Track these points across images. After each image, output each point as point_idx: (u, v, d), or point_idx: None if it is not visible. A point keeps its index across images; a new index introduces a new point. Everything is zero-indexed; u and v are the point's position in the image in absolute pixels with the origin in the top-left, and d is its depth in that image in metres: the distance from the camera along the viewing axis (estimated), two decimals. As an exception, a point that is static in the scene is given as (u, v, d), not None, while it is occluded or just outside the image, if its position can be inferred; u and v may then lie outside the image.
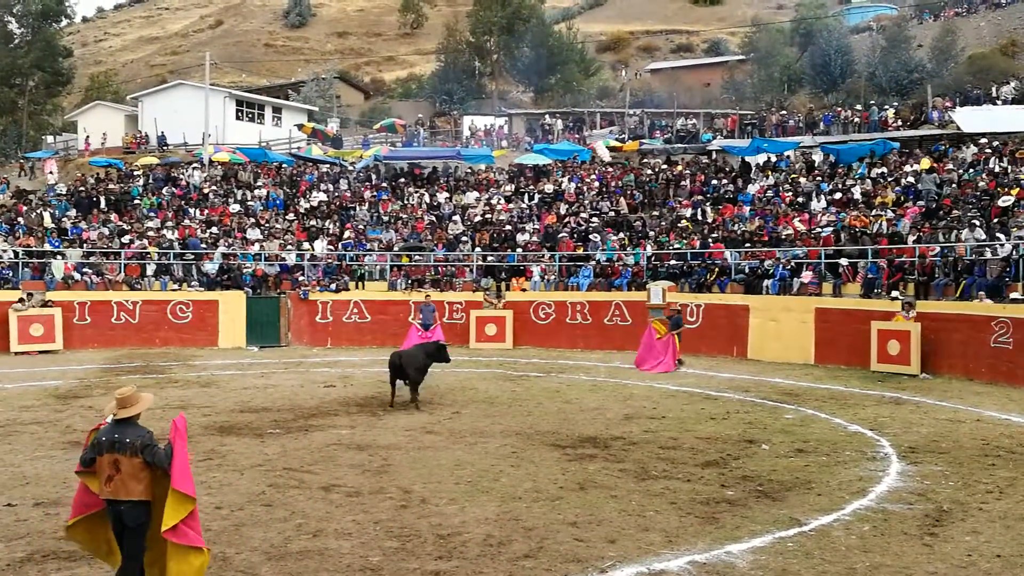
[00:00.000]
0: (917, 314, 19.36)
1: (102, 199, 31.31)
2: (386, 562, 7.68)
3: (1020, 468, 10.89)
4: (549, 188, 32.37)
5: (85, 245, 27.41)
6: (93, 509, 6.80)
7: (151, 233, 28.14)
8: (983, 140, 28.66)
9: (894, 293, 20.49)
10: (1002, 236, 20.09)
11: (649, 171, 33.11)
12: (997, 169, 25.20)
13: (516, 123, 48.18)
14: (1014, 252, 19.21)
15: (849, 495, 9.73)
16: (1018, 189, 22.64)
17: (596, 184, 32.30)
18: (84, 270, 25.94)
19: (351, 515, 8.97)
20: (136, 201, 31.61)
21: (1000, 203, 22.06)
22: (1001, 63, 45.76)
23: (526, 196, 32.24)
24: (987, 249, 20.03)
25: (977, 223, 20.88)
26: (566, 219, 29.51)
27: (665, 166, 33.66)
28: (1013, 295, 18.42)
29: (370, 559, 7.75)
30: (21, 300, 23.63)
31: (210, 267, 26.71)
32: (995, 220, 21.37)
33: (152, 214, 30.29)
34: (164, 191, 32.84)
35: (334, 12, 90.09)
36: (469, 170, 35.91)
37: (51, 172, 37.23)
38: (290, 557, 7.79)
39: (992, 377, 17.92)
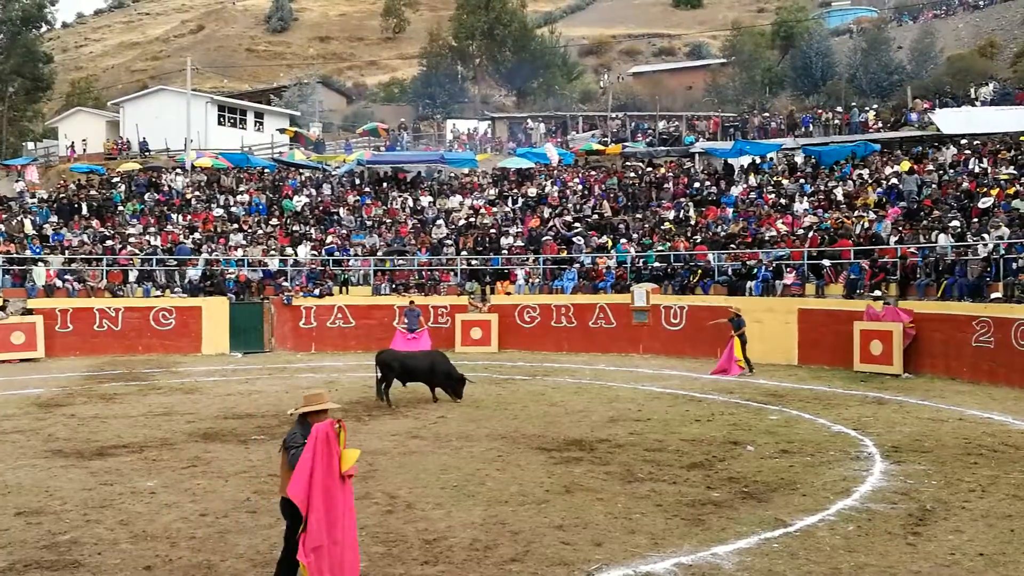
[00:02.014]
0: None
1: (84, 205, 31.12)
2: (372, 568, 7.66)
3: (1002, 466, 10.97)
4: (532, 192, 32.39)
5: (67, 252, 27.22)
6: None
7: (133, 239, 27.98)
8: (963, 141, 28.89)
9: (876, 292, 20.61)
10: (985, 236, 20.23)
11: (632, 174, 33.18)
12: (977, 170, 25.41)
13: (499, 127, 48.23)
14: (994, 252, 19.36)
15: (833, 495, 9.78)
16: (997, 190, 22.83)
17: (579, 187, 32.35)
18: (66, 277, 25.76)
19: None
20: (120, 208, 31.43)
21: (980, 204, 22.22)
22: (979, 64, 46.14)
23: (509, 200, 32.26)
24: (967, 249, 20.18)
25: (954, 225, 21.06)
26: (550, 222, 29.54)
27: (648, 169, 33.72)
28: (994, 295, 18.56)
29: (356, 565, 7.72)
30: (3, 308, 23.46)
31: (193, 273, 26.57)
32: (975, 220, 21.52)
33: (134, 220, 30.12)
34: (146, 197, 32.66)
35: (316, 17, 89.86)
36: (452, 174, 35.90)
37: (18, 180, 36.96)
38: (276, 564, 7.74)
39: (974, 376, 18.05)
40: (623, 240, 27.41)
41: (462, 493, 10.00)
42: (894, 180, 26.16)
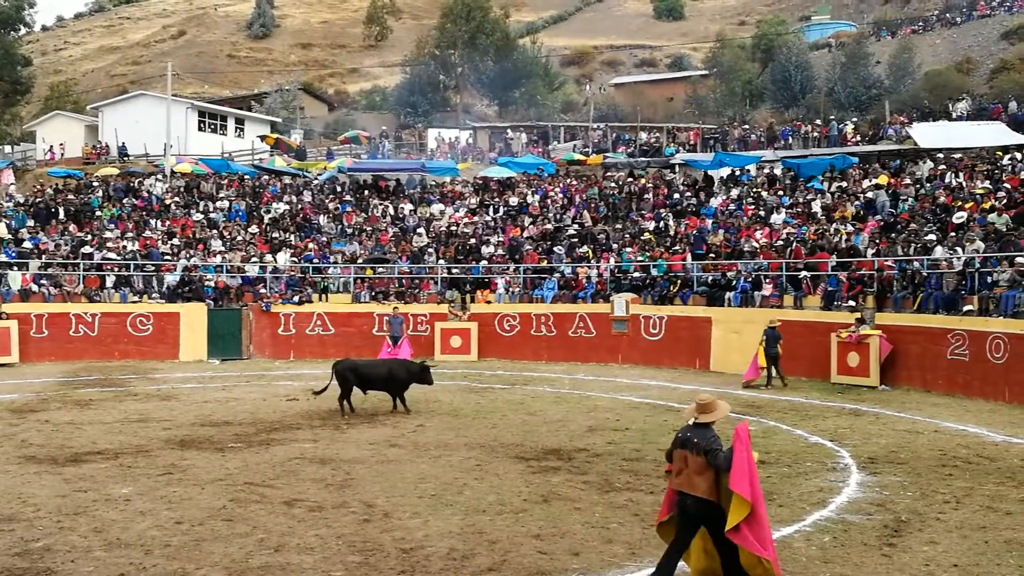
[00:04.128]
0: (876, 326, 19.65)
1: (61, 210, 30.87)
2: (349, 577, 7.63)
3: (977, 478, 11.06)
4: (514, 201, 32.43)
5: (43, 256, 26.98)
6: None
7: (111, 244, 27.78)
8: (939, 155, 29.18)
9: (850, 303, 20.75)
10: (958, 249, 20.44)
11: (612, 184, 33.32)
12: (953, 184, 25.66)
13: (480, 136, 48.29)
14: (968, 266, 19.54)
15: (810, 506, 9.82)
16: (972, 204, 23.06)
17: (560, 197, 32.44)
18: (41, 282, 25.53)
19: (313, 530, 8.90)
20: (98, 213, 31.20)
21: (955, 219, 22.43)
22: (956, 80, 46.67)
23: (491, 208, 32.28)
24: (943, 262, 20.36)
25: (929, 239, 21.27)
26: (527, 230, 29.58)
27: (629, 179, 33.85)
28: (967, 308, 18.73)
29: (333, 574, 7.69)
30: None
31: (171, 279, 26.40)
32: (951, 234, 21.73)
33: (112, 225, 29.90)
34: (124, 202, 32.45)
35: (298, 23, 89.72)
36: (434, 182, 35.90)
37: (12, 183, 36.69)
38: (251, 572, 7.70)
39: (949, 388, 18.21)
40: (616, 249, 27.48)
41: (440, 502, 9.98)
42: (871, 194, 26.39)
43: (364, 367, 16.71)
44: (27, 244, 27.60)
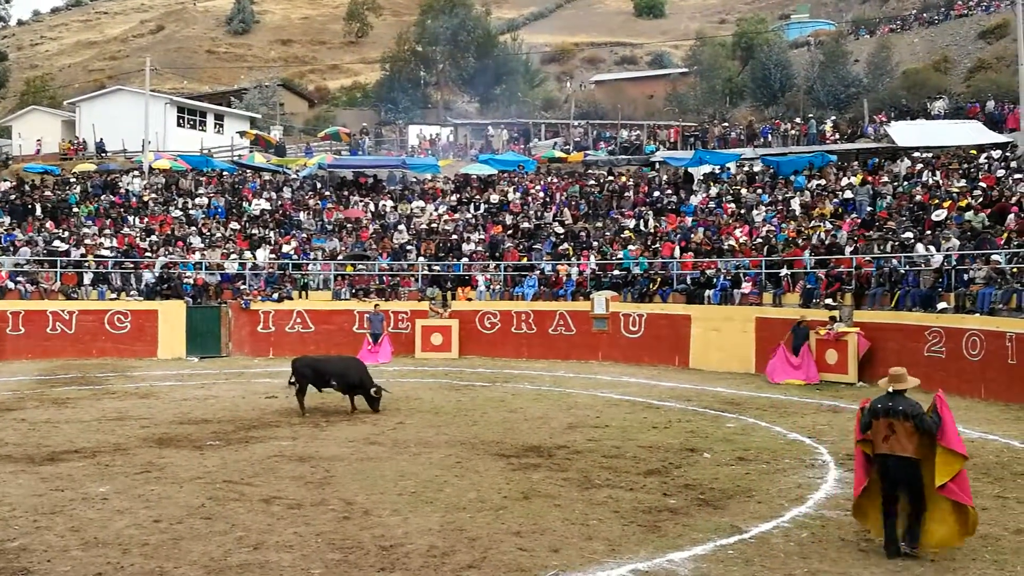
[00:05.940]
0: (854, 323, 19.79)
1: (37, 206, 30.58)
2: (328, 574, 7.62)
3: (952, 474, 11.15)
4: (494, 198, 32.42)
5: (19, 253, 26.71)
6: (870, 476, 8.24)
7: (88, 241, 27.56)
8: (916, 154, 29.41)
9: (827, 301, 20.89)
10: (932, 247, 20.62)
11: (592, 181, 33.37)
12: (930, 182, 25.87)
13: (461, 133, 48.24)
14: (945, 263, 19.71)
15: (788, 502, 9.89)
16: (950, 202, 23.25)
17: (541, 195, 32.46)
18: (18, 279, 25.29)
19: (292, 527, 8.88)
20: (75, 209, 30.93)
21: (933, 217, 22.62)
22: (934, 79, 47.00)
23: (471, 206, 32.25)
24: (920, 260, 20.53)
25: (907, 236, 21.45)
26: (510, 228, 29.60)
27: (609, 177, 33.91)
28: (941, 305, 18.88)
29: (312, 571, 7.67)
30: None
31: (149, 276, 26.21)
32: (928, 232, 21.90)
33: (90, 222, 29.66)
34: (102, 198, 32.19)
35: (278, 19, 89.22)
36: (415, 179, 35.83)
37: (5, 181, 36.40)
38: (230, 571, 7.67)
39: (926, 386, 17.97)
40: (597, 247, 27.51)
41: (420, 499, 9.98)
42: (849, 192, 26.56)
43: (324, 363, 16.54)
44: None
